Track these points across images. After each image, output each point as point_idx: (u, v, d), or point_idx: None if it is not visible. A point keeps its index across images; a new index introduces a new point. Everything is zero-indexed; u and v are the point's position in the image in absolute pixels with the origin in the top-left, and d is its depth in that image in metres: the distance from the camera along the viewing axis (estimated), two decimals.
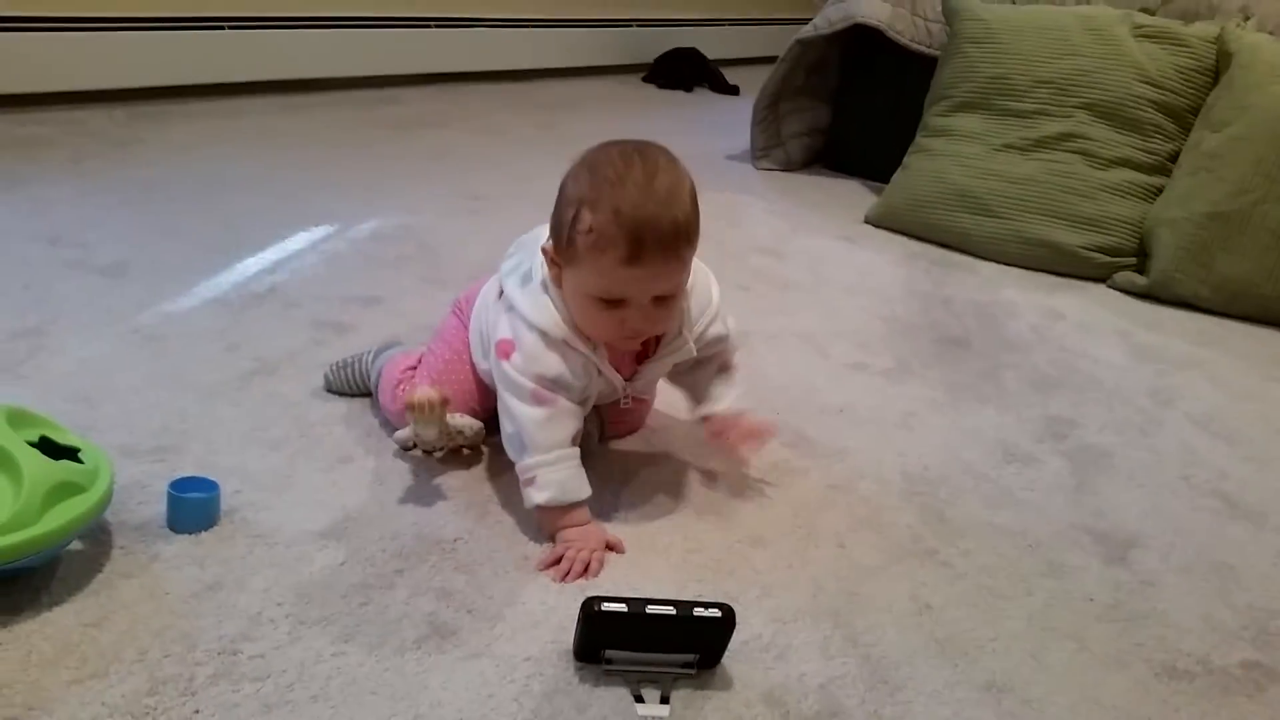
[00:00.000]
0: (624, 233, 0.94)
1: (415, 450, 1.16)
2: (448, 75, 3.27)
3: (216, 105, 2.62)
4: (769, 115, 2.73)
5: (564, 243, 0.99)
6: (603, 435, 1.22)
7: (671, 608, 0.84)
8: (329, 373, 1.29)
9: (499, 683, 0.85)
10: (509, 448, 1.07)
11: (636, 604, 0.84)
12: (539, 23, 3.57)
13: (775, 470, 1.23)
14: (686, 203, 0.97)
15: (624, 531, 1.07)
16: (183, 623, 0.87)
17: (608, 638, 0.85)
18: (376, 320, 1.50)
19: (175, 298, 1.50)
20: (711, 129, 3.17)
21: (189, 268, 1.61)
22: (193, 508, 0.99)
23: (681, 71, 3.90)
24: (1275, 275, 1.97)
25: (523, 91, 3.38)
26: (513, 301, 1.06)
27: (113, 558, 0.93)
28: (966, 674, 0.92)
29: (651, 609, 0.84)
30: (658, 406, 1.30)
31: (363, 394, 1.27)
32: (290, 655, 0.85)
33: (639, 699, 0.84)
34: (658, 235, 0.94)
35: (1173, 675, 0.96)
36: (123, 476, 1.03)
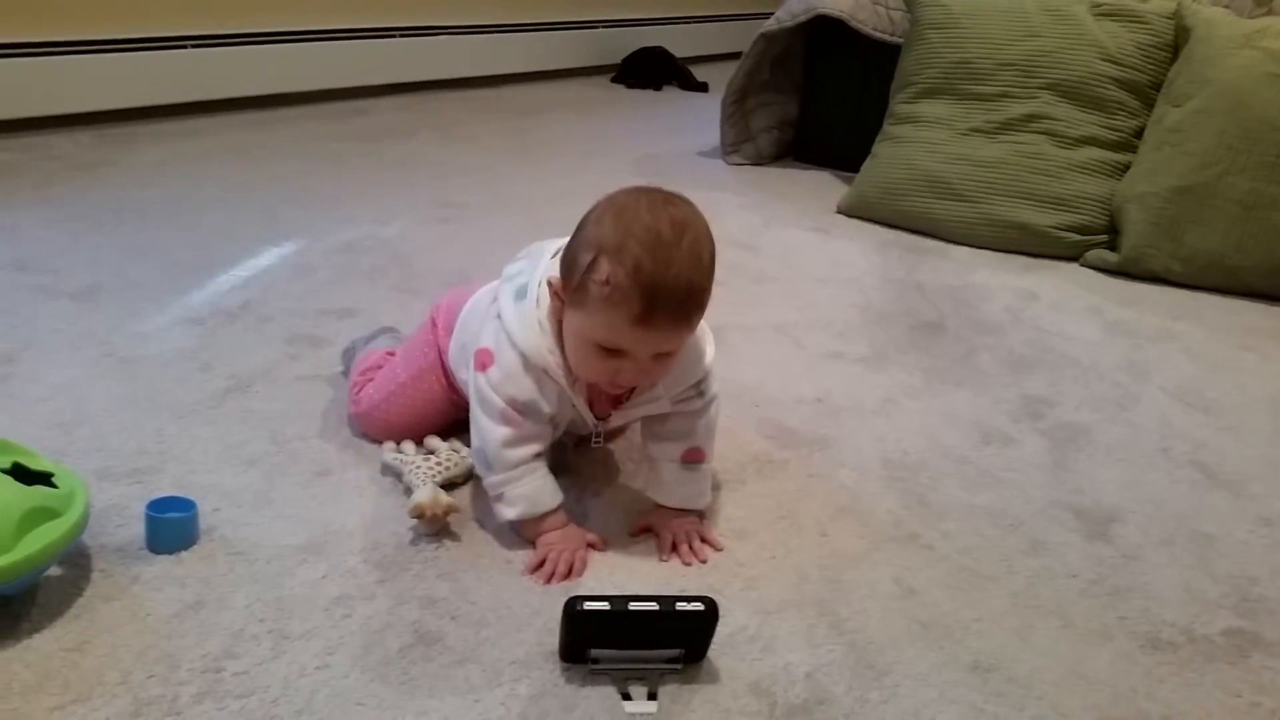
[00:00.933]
0: (641, 292, 0.90)
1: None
2: (415, 84, 3.27)
3: (183, 125, 2.60)
4: (737, 110, 2.74)
5: (574, 284, 0.94)
6: (580, 441, 1.21)
7: (654, 604, 0.84)
8: (343, 357, 1.38)
9: (485, 687, 0.85)
10: (476, 461, 1.07)
11: (619, 602, 0.84)
12: (506, 28, 3.57)
13: (755, 462, 1.23)
14: (706, 267, 0.93)
15: (607, 532, 1.07)
16: (165, 643, 0.86)
17: (592, 637, 0.85)
18: (352, 332, 1.48)
19: (147, 319, 1.49)
20: (682, 127, 3.18)
21: (161, 288, 1.60)
22: (171, 528, 0.98)
23: (650, 71, 3.91)
24: (1243, 246, 1.99)
25: (492, 98, 3.38)
26: (502, 312, 1.03)
27: (93, 581, 0.93)
28: (952, 655, 0.93)
29: (634, 606, 0.84)
30: None
31: None
32: (274, 671, 0.84)
33: (626, 696, 0.84)
34: (674, 300, 0.91)
35: (1156, 646, 0.96)
36: (100, 500, 1.03)
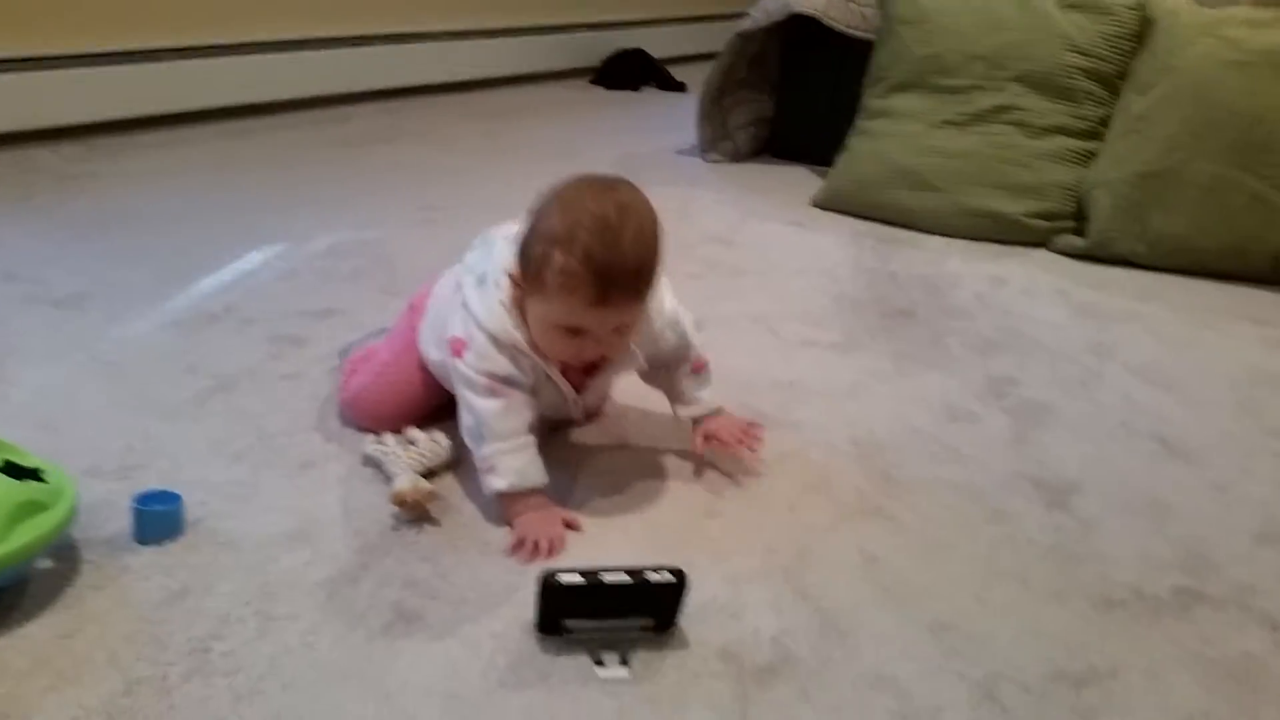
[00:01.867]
0: (594, 277, 0.98)
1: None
2: (396, 90, 3.30)
3: (166, 135, 2.63)
4: (714, 109, 2.78)
5: (532, 275, 1.02)
6: (556, 424, 1.25)
7: (626, 575, 0.88)
8: (340, 358, 1.39)
9: (465, 659, 0.88)
10: (468, 439, 1.11)
11: (592, 574, 0.87)
12: (485, 32, 3.59)
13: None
14: (652, 243, 1.02)
15: (583, 513, 1.10)
16: (153, 628, 0.89)
17: (566, 609, 0.89)
18: (334, 332, 1.52)
19: (133, 323, 1.52)
20: (660, 126, 3.22)
21: (145, 295, 1.63)
22: (157, 519, 1.01)
23: (629, 72, 3.95)
24: (1207, 229, 2.04)
25: (472, 101, 3.41)
26: (467, 300, 1.10)
27: (82, 572, 0.96)
28: (912, 616, 0.97)
29: (606, 578, 0.87)
30: (614, 397, 1.34)
31: None
32: (260, 649, 0.88)
33: (599, 663, 0.88)
34: (626, 279, 0.99)
35: (1109, 605, 1.00)
36: (89, 496, 1.05)
